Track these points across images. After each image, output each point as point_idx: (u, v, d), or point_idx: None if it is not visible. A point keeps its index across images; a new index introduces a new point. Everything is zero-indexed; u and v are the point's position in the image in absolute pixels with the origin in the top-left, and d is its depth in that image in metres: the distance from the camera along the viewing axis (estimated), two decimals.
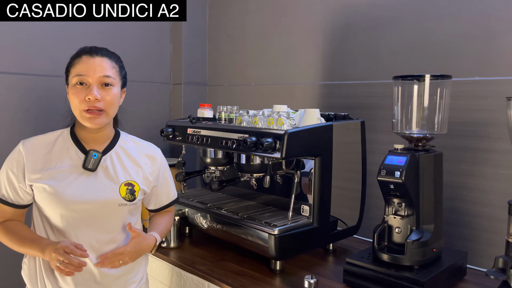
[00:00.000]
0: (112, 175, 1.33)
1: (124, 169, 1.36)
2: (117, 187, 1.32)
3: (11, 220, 1.32)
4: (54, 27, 2.10)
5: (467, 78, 1.69)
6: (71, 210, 1.26)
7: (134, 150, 1.42)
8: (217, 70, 2.72)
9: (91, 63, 1.26)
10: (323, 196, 1.60)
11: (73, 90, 1.26)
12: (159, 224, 1.47)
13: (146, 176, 1.40)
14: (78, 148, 1.32)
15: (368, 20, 1.97)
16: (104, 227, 1.31)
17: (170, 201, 1.53)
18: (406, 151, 1.44)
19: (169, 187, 1.51)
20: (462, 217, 1.72)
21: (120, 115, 1.46)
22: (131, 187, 1.34)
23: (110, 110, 1.29)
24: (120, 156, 1.37)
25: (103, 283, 1.32)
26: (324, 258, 1.72)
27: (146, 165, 1.41)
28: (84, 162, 1.29)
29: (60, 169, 1.28)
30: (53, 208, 1.26)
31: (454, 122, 1.69)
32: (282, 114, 1.55)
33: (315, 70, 2.19)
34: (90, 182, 1.29)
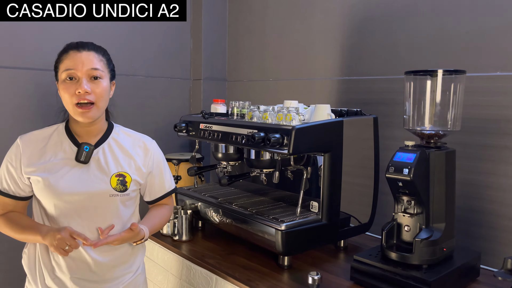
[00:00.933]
0: (103, 167, 1.36)
1: (115, 160, 1.39)
2: (108, 179, 1.35)
3: (12, 212, 1.38)
4: (73, 25, 2.16)
5: (487, 73, 1.63)
6: (64, 201, 1.30)
7: (127, 142, 1.45)
8: (236, 65, 2.73)
9: (79, 57, 1.29)
10: (332, 192, 1.59)
11: (63, 85, 1.30)
12: (153, 218, 1.48)
13: (138, 167, 1.43)
14: (71, 142, 1.36)
15: (386, 14, 1.93)
16: (96, 217, 1.34)
17: (165, 192, 1.53)
18: (416, 148, 1.40)
19: (164, 178, 1.52)
20: (478, 216, 1.66)
21: (112, 107, 1.48)
22: (122, 178, 1.37)
23: (100, 102, 1.32)
24: (113, 148, 1.41)
25: (97, 272, 1.36)
26: (334, 255, 1.71)
27: (139, 156, 1.44)
28: (77, 155, 1.33)
29: (54, 162, 1.33)
30: (47, 199, 1.31)
31: (472, 119, 1.64)
32: (291, 109, 1.55)
33: (332, 65, 2.17)
34: (82, 174, 1.33)
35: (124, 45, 2.41)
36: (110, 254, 1.38)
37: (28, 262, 1.38)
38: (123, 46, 2.41)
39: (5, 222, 1.35)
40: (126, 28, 2.40)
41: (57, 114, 1.45)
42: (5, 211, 1.37)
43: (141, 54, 2.49)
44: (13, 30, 1.96)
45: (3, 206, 1.37)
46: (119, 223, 1.38)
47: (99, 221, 1.35)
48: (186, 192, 1.97)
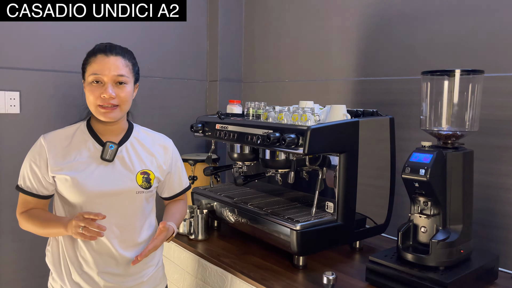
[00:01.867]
0: (128, 165, 1.41)
1: (139, 158, 1.44)
2: (134, 176, 1.40)
3: (33, 209, 1.41)
4: (93, 27, 2.21)
5: (506, 73, 1.60)
6: (92, 198, 1.34)
7: (147, 140, 1.50)
8: (252, 67, 2.75)
9: (106, 63, 1.33)
10: (348, 193, 1.59)
11: (89, 87, 1.34)
12: (174, 214, 1.54)
13: (160, 164, 1.48)
14: (95, 140, 1.40)
15: (402, 14, 1.92)
16: (123, 214, 1.39)
17: (183, 189, 1.60)
18: (433, 149, 1.39)
19: (181, 175, 1.59)
20: (497, 219, 1.64)
21: (132, 108, 1.51)
22: (147, 175, 1.43)
23: (124, 105, 1.38)
24: (135, 146, 1.45)
25: (123, 266, 1.40)
26: (349, 255, 1.70)
27: (159, 154, 1.49)
28: (102, 153, 1.37)
29: (80, 160, 1.36)
30: (75, 197, 1.34)
31: (492, 120, 1.62)
32: (306, 110, 1.55)
33: (348, 66, 2.16)
34: (108, 172, 1.37)
35: (141, 46, 2.45)
36: (134, 248, 1.42)
37: (53, 259, 1.41)
38: (140, 47, 2.44)
39: (26, 219, 1.38)
40: (144, 29, 2.44)
41: (81, 112, 1.49)
42: (26, 209, 1.41)
43: (157, 56, 2.52)
44: (34, 31, 2.02)
45: (25, 204, 1.40)
46: (142, 218, 1.44)
47: (125, 217, 1.39)
48: (202, 192, 1.99)
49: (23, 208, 1.40)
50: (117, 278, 1.39)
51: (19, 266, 2.09)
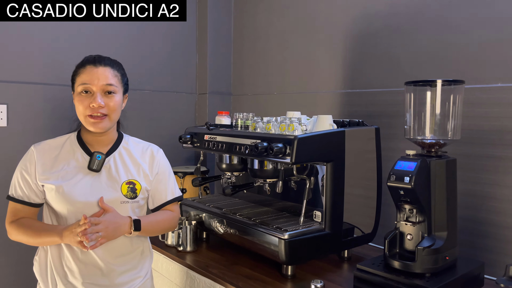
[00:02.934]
0: (114, 175, 1.42)
1: (126, 168, 1.45)
2: (119, 186, 1.41)
3: (23, 218, 1.41)
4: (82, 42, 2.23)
5: (489, 84, 1.65)
6: (78, 208, 1.35)
7: (136, 150, 1.51)
8: (241, 79, 2.78)
9: (95, 73, 1.35)
10: (335, 202, 1.60)
11: (78, 97, 1.37)
12: (151, 215, 1.50)
13: (146, 174, 1.49)
14: (83, 151, 1.42)
15: (388, 28, 1.97)
16: None
17: (168, 200, 1.55)
18: (417, 157, 1.42)
19: (169, 185, 1.55)
20: (481, 227, 1.66)
21: (122, 118, 1.54)
22: (132, 185, 1.44)
23: (113, 114, 1.40)
24: (123, 156, 1.47)
25: (109, 277, 1.39)
26: (337, 265, 1.71)
27: (146, 163, 1.50)
28: (89, 163, 1.39)
29: (67, 170, 1.38)
30: (61, 206, 1.36)
31: (475, 130, 1.66)
32: (294, 120, 1.58)
33: (336, 79, 2.20)
34: (94, 182, 1.39)
35: (131, 60, 2.47)
36: (120, 259, 1.41)
37: (40, 269, 1.41)
38: (130, 60, 2.46)
39: (17, 228, 1.37)
40: (134, 43, 2.46)
41: (72, 123, 1.51)
42: (16, 218, 1.40)
43: (147, 69, 2.54)
44: (22, 44, 2.03)
45: (15, 213, 1.40)
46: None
47: None
48: (191, 203, 1.99)
49: (13, 217, 1.40)
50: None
51: (7, 281, 2.05)
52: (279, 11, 2.50)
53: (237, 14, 2.79)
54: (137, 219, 1.40)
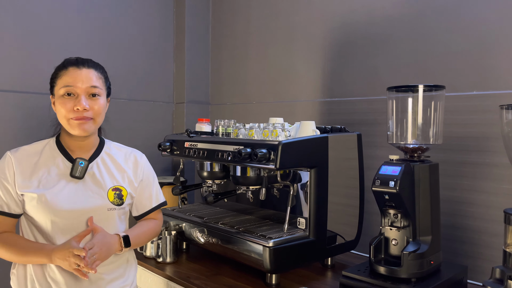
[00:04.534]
0: (99, 181, 1.37)
1: (110, 174, 1.40)
2: (105, 193, 1.36)
3: (5, 232, 1.31)
4: (56, 48, 2.17)
5: (464, 92, 1.69)
6: (62, 217, 1.28)
7: (119, 156, 1.46)
8: (220, 89, 2.76)
9: (78, 75, 1.30)
10: (319, 208, 1.59)
11: (60, 100, 1.30)
12: (136, 227, 1.47)
13: (131, 180, 1.44)
14: (64, 157, 1.35)
15: (366, 37, 2.00)
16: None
17: (154, 206, 1.51)
18: (401, 161, 1.43)
19: (153, 192, 1.51)
20: (462, 233, 1.68)
21: (105, 124, 1.49)
22: (119, 191, 1.39)
23: (98, 118, 1.35)
24: (106, 162, 1.42)
25: (97, 285, 1.33)
26: (321, 272, 1.68)
27: (131, 169, 1.46)
28: (72, 170, 1.32)
29: (48, 177, 1.31)
30: (43, 216, 1.28)
31: (453, 137, 1.69)
32: (277, 125, 1.56)
33: (314, 88, 2.21)
34: (78, 190, 1.32)
35: (107, 68, 2.40)
36: (107, 267, 1.35)
37: (18, 283, 1.32)
38: (106, 69, 2.40)
39: (1, 245, 1.27)
40: (109, 51, 2.41)
41: (48, 129, 1.44)
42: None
43: (123, 78, 2.49)
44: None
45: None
46: None
47: None
48: (170, 213, 1.93)
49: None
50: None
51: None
52: (258, 21, 2.51)
53: (215, 24, 2.78)
54: (125, 236, 1.36)
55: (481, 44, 1.64)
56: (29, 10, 2.09)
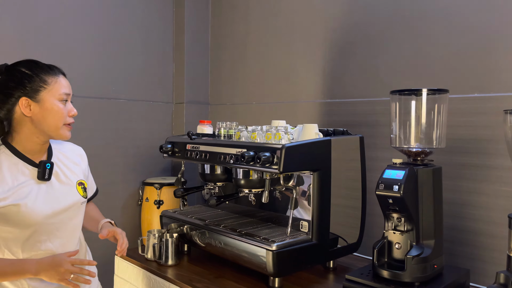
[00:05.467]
0: (64, 180, 1.42)
1: (70, 170, 1.46)
2: (74, 189, 1.43)
3: None
4: (52, 48, 2.15)
5: (467, 94, 1.69)
6: (45, 220, 1.31)
7: (68, 152, 1.51)
8: (219, 89, 2.75)
9: (67, 83, 1.38)
10: (322, 211, 1.58)
11: (57, 106, 1.33)
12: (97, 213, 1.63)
13: (84, 172, 1.52)
14: (25, 162, 1.34)
15: (366, 38, 1.99)
16: (72, 227, 1.42)
17: (94, 192, 1.65)
18: (404, 165, 1.43)
19: (92, 180, 1.63)
20: (463, 235, 1.69)
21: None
22: (83, 185, 1.47)
23: None
24: (61, 160, 1.46)
25: None
26: (324, 275, 1.68)
27: (80, 163, 1.52)
28: (41, 174, 1.33)
29: (19, 186, 1.29)
30: (24, 223, 1.28)
31: (455, 139, 1.69)
32: (280, 128, 1.56)
33: (315, 88, 2.21)
34: (50, 191, 1.36)
35: (106, 69, 2.40)
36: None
37: None
38: (105, 70, 2.39)
39: None
40: (109, 51, 2.39)
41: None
42: None
43: (123, 78, 2.47)
44: None
45: None
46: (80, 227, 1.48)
47: (74, 230, 1.43)
48: (172, 215, 1.93)
49: None
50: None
51: None
52: (258, 21, 2.50)
53: (214, 23, 2.77)
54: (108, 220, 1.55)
55: (483, 45, 1.64)
56: (28, 10, 2.07)
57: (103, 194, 2.35)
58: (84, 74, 2.30)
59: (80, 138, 2.26)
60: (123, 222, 2.46)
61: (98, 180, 2.34)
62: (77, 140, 2.23)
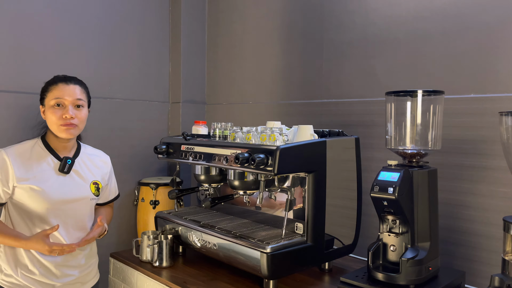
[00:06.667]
0: (82, 176, 1.66)
1: (89, 171, 1.70)
2: (88, 186, 1.67)
3: None
4: (50, 51, 2.13)
5: (462, 95, 1.68)
6: (56, 205, 1.56)
7: (93, 156, 1.76)
8: (216, 88, 2.73)
9: (67, 89, 1.58)
10: (317, 213, 1.58)
11: (51, 110, 1.57)
12: (106, 216, 1.80)
13: (103, 176, 1.76)
14: (53, 155, 1.62)
15: (363, 38, 1.98)
16: (78, 216, 1.64)
17: (114, 197, 1.87)
18: (399, 167, 1.42)
19: (115, 185, 1.87)
20: (459, 236, 1.68)
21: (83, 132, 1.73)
22: (97, 185, 1.70)
23: (81, 124, 1.63)
24: (85, 161, 1.71)
25: (77, 260, 1.65)
26: (319, 277, 1.68)
27: (102, 168, 1.77)
28: (61, 167, 1.60)
29: (42, 172, 1.57)
30: (40, 204, 1.54)
31: (450, 140, 1.68)
32: (275, 130, 1.55)
33: (311, 88, 2.20)
34: (67, 182, 1.61)
35: (102, 68, 2.38)
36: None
37: (6, 258, 1.56)
38: (101, 69, 2.38)
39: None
40: (104, 50, 2.37)
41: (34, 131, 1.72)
42: None
43: (119, 77, 2.46)
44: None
45: None
46: (91, 220, 1.72)
47: (79, 219, 1.65)
48: (167, 216, 1.92)
49: None
50: (71, 270, 1.63)
51: None
52: (254, 20, 2.48)
53: (211, 22, 2.75)
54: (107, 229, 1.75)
55: (479, 46, 1.63)
56: (24, 11, 2.05)
57: None
58: (80, 74, 2.25)
59: None
60: (119, 222, 2.45)
61: None
62: None
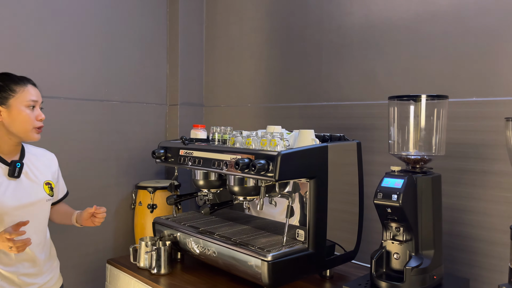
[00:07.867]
0: (33, 178, 1.60)
1: (39, 171, 1.64)
2: (41, 187, 1.61)
3: None
4: (43, 50, 2.09)
5: (464, 98, 1.65)
6: (12, 211, 1.50)
7: (39, 155, 1.69)
8: (214, 91, 2.70)
9: (36, 91, 1.56)
10: (319, 219, 1.55)
11: (25, 112, 1.52)
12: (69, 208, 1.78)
13: (53, 175, 1.70)
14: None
15: (364, 41, 1.95)
16: (36, 220, 1.58)
17: (63, 195, 1.81)
18: (403, 173, 1.39)
19: (62, 183, 1.81)
20: (462, 241, 1.65)
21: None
22: (50, 185, 1.65)
23: None
24: (32, 161, 1.63)
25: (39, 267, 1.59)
26: (320, 285, 1.65)
27: (50, 166, 1.71)
28: (12, 171, 1.52)
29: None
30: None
31: (452, 144, 1.65)
32: (275, 135, 1.51)
33: (310, 91, 2.17)
34: (19, 186, 1.54)
35: (99, 70, 2.34)
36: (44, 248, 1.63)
37: None
38: (98, 71, 2.34)
39: None
40: (102, 52, 2.34)
41: None
42: None
43: (116, 79, 2.42)
44: None
45: None
46: (46, 221, 1.66)
47: (40, 223, 1.60)
48: (165, 222, 1.88)
49: None
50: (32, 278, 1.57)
51: None
52: (253, 22, 2.45)
53: (209, 24, 2.72)
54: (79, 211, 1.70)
55: (482, 49, 1.60)
56: (20, 12, 2.01)
57: (96, 198, 2.31)
58: (76, 76, 2.25)
59: (72, 140, 2.22)
60: (116, 227, 2.41)
61: (91, 183, 2.32)
62: (69, 142, 2.19)
